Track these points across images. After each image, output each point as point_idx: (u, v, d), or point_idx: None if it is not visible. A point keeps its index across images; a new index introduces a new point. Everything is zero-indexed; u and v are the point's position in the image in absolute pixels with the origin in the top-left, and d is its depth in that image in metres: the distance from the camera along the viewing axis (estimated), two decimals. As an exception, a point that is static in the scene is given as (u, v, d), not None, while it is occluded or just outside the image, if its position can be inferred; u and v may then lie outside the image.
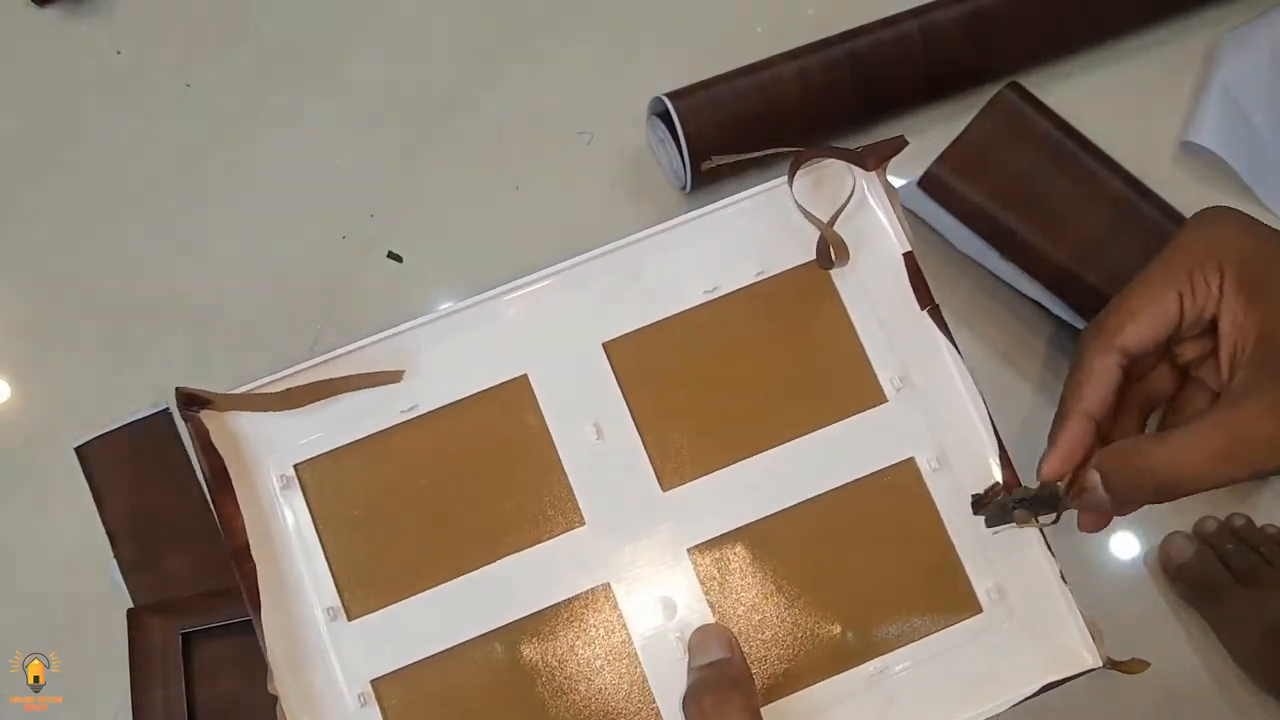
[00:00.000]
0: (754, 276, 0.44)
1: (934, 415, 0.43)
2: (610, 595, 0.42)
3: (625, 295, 0.44)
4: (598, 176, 0.65)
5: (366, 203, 0.64)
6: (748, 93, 0.60)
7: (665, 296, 0.44)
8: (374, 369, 0.43)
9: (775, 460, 0.43)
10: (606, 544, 0.42)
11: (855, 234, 0.44)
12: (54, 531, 0.58)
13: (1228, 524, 0.58)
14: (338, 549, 0.42)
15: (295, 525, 0.42)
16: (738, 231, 0.45)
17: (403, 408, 0.43)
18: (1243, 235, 0.38)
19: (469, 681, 0.41)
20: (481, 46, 0.68)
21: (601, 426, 0.43)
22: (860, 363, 0.44)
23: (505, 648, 0.41)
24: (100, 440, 0.59)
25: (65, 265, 0.63)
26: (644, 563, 0.42)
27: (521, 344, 0.43)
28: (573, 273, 0.44)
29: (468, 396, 0.43)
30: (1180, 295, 0.38)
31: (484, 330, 0.43)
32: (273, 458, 0.42)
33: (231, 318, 0.62)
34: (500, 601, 0.41)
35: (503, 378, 0.43)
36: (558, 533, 0.42)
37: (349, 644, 0.41)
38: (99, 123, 0.66)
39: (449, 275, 0.63)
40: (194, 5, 0.69)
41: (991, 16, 0.62)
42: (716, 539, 0.42)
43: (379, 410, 0.43)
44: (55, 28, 0.68)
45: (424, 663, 0.41)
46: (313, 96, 0.67)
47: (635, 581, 0.42)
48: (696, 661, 0.40)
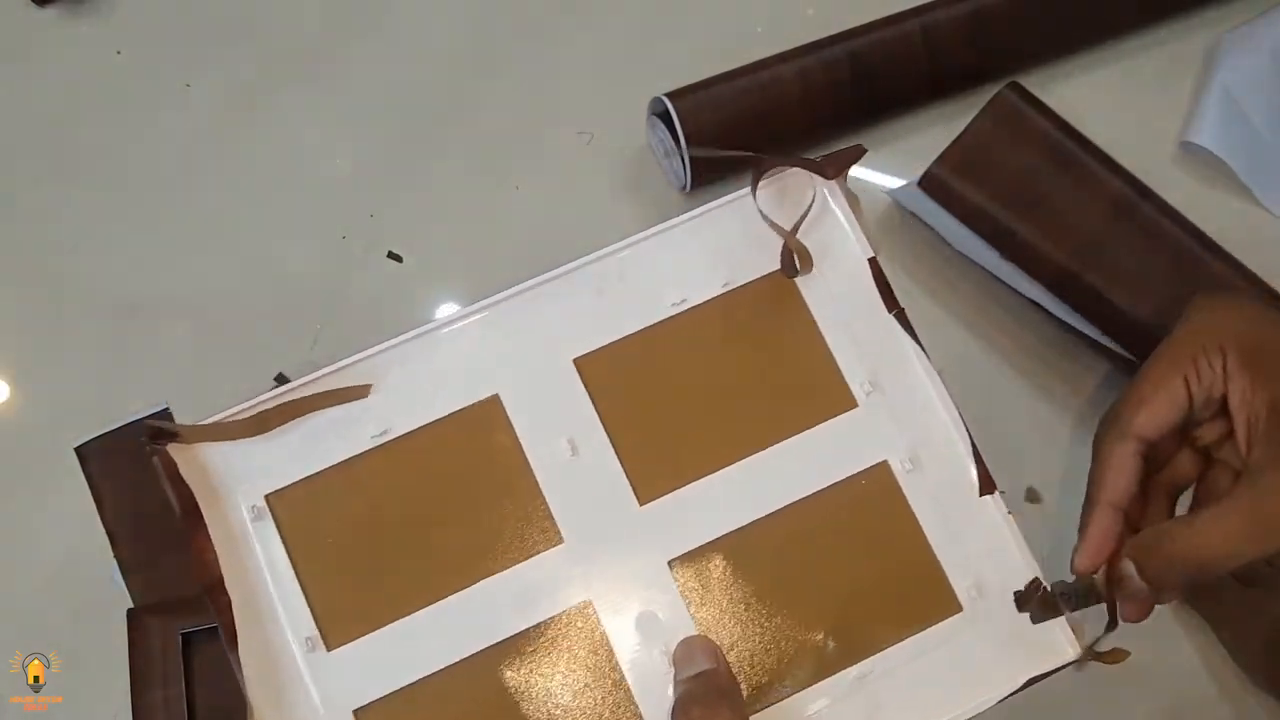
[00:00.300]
0: (721, 287, 0.44)
1: (905, 418, 0.44)
2: (591, 612, 0.41)
3: (594, 310, 0.44)
4: (598, 176, 0.65)
5: (366, 203, 0.64)
6: (748, 93, 0.60)
7: (634, 310, 0.44)
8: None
9: (750, 469, 0.43)
10: (586, 562, 0.42)
11: (819, 242, 0.44)
12: (54, 531, 0.58)
13: (1228, 524, 0.58)
14: (313, 578, 0.41)
15: (268, 557, 0.41)
16: (704, 243, 0.45)
17: (373, 433, 0.42)
18: (1241, 318, 0.40)
19: (453, 707, 0.40)
20: (481, 46, 0.68)
21: (576, 443, 0.42)
22: (830, 369, 0.44)
23: (488, 671, 0.41)
24: (100, 440, 0.59)
25: (65, 265, 0.63)
26: (624, 578, 0.42)
27: (491, 364, 0.43)
28: (540, 290, 0.44)
29: (439, 419, 0.43)
30: (1186, 380, 0.39)
31: (453, 351, 0.43)
32: (243, 488, 0.42)
33: (231, 318, 0.62)
34: (481, 625, 0.41)
35: (474, 399, 0.43)
36: (536, 552, 0.42)
37: (329, 675, 0.41)
38: (99, 123, 0.66)
39: (449, 275, 0.63)
40: (194, 5, 0.69)
41: (991, 16, 0.62)
42: (696, 550, 0.42)
43: (350, 436, 0.42)
44: (55, 28, 0.68)
45: (407, 690, 0.40)
46: (313, 96, 0.67)
47: (616, 598, 0.42)
48: (682, 674, 0.40)
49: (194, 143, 0.66)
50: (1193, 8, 0.67)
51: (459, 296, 0.63)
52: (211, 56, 0.68)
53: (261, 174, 0.65)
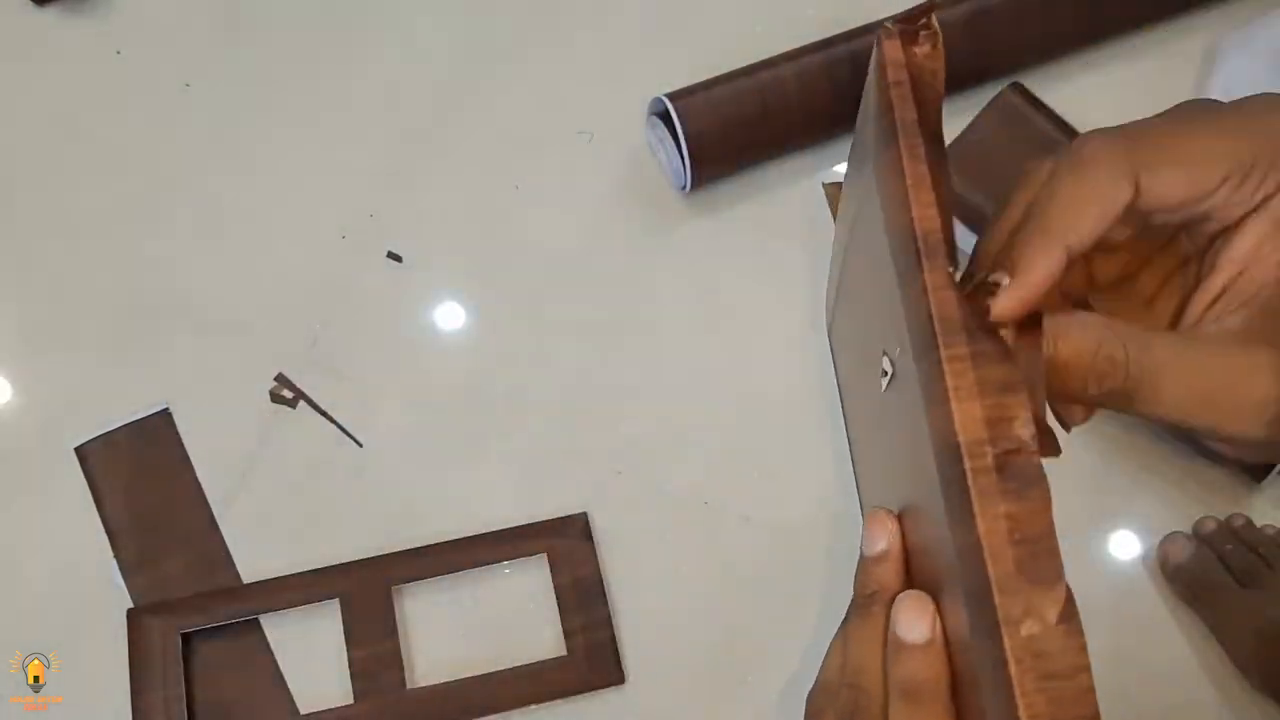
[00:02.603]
0: None
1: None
2: None
3: None
4: (598, 176, 0.65)
5: (366, 203, 0.64)
6: (747, 93, 0.60)
7: None
8: None
9: None
10: None
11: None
12: (54, 531, 0.58)
13: (1227, 524, 0.58)
14: None
15: None
16: None
17: None
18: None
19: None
20: (481, 46, 0.68)
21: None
22: None
23: None
24: (100, 440, 0.59)
25: (65, 265, 0.63)
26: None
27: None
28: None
29: None
30: (1228, 176, 0.29)
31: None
32: None
33: (231, 318, 0.62)
34: None
35: None
36: None
37: None
38: (99, 123, 0.66)
39: (449, 275, 0.63)
40: (194, 5, 0.69)
41: (991, 16, 0.62)
42: None
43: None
44: (55, 28, 0.68)
45: None
46: (312, 96, 0.67)
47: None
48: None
49: (194, 143, 0.66)
50: (1193, 8, 0.67)
51: (459, 296, 0.63)
52: (211, 56, 0.68)
53: (261, 174, 0.65)
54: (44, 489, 0.59)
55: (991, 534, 0.25)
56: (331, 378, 0.60)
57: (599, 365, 0.61)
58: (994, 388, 0.26)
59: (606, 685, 0.55)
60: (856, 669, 0.31)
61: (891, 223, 0.29)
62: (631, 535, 0.58)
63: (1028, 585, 0.25)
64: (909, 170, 0.28)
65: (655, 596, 0.57)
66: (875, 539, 0.32)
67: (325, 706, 0.54)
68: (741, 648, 0.56)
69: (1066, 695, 0.24)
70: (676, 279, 0.63)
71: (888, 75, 0.30)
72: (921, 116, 0.30)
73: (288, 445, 0.59)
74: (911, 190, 0.28)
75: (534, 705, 0.54)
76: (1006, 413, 0.26)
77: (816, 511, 0.58)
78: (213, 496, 0.58)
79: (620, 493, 0.59)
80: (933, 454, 0.27)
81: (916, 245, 0.27)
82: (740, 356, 0.61)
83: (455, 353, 0.62)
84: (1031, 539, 0.25)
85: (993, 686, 0.25)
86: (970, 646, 0.27)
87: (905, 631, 0.29)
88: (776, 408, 0.60)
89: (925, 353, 0.27)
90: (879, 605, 0.31)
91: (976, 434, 0.26)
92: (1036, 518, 0.25)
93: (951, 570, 0.27)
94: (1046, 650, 0.24)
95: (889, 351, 0.32)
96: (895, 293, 0.29)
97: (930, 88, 0.30)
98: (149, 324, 0.62)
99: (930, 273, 0.27)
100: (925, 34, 0.31)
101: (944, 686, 0.29)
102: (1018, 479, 0.25)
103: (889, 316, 0.31)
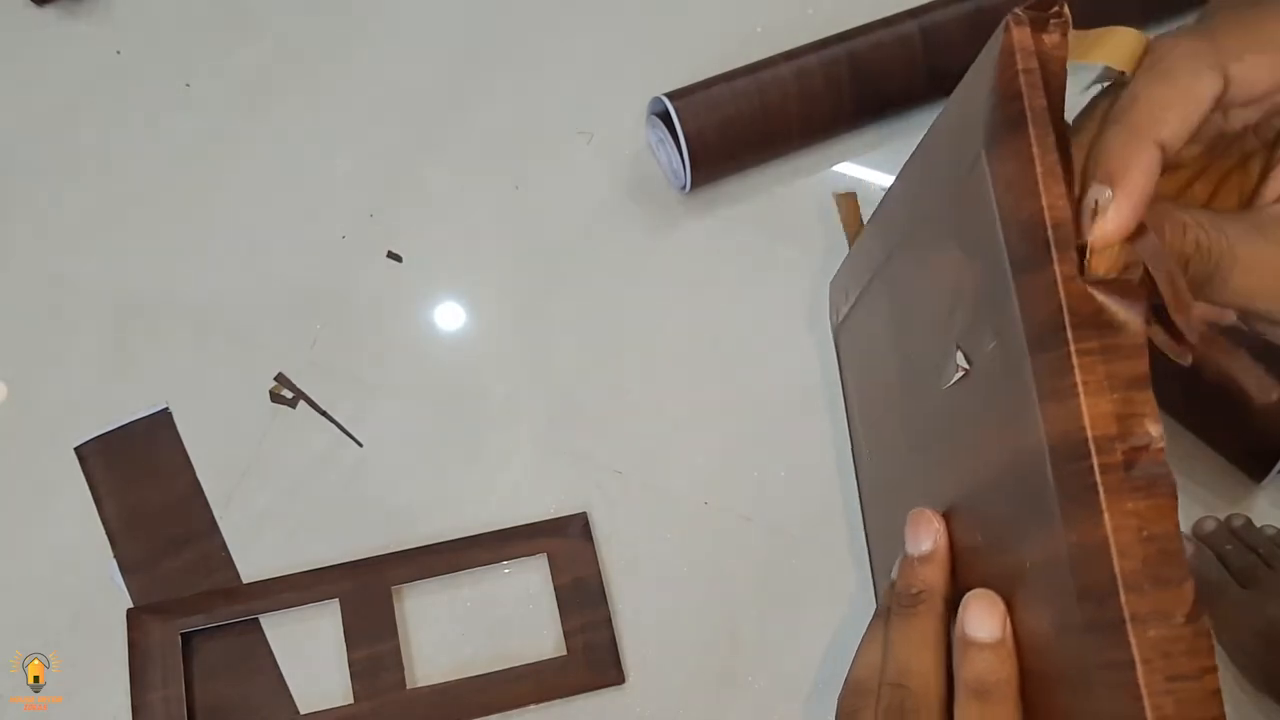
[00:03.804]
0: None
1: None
2: None
3: None
4: (598, 176, 0.65)
5: (366, 203, 0.64)
6: (747, 93, 0.60)
7: None
8: None
9: None
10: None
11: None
12: (54, 531, 0.58)
13: (1227, 524, 0.58)
14: None
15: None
16: None
17: None
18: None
19: None
20: (481, 46, 0.68)
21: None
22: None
23: None
24: (100, 440, 0.59)
25: (65, 265, 0.63)
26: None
27: None
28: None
29: None
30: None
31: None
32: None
33: (231, 318, 0.62)
34: None
35: None
36: None
37: None
38: (99, 122, 0.66)
39: (449, 275, 0.63)
40: (194, 5, 0.69)
41: (992, 16, 0.62)
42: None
43: None
44: (55, 28, 0.68)
45: None
46: (313, 96, 0.67)
47: None
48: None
49: (194, 143, 0.66)
50: (1192, 8, 0.67)
51: (459, 296, 0.63)
52: (211, 56, 0.68)
53: (261, 174, 0.65)
54: (44, 489, 0.59)
55: (1120, 530, 0.24)
56: (331, 378, 0.60)
57: (599, 365, 0.61)
58: (1123, 383, 0.25)
59: (606, 685, 0.55)
60: (902, 669, 0.30)
61: (1011, 211, 0.28)
62: (631, 535, 0.58)
63: (1156, 584, 0.24)
64: (1039, 159, 0.28)
65: (655, 596, 0.57)
66: (921, 538, 0.32)
67: (325, 706, 0.54)
68: (741, 648, 0.56)
69: (1194, 697, 0.23)
70: (676, 279, 0.63)
71: (1017, 62, 0.29)
72: (1050, 105, 0.29)
73: (288, 445, 0.59)
74: (1042, 179, 0.27)
75: (534, 705, 0.54)
76: (1136, 409, 0.25)
77: (816, 511, 0.58)
78: (213, 496, 0.58)
79: (620, 493, 0.59)
80: (1035, 450, 0.26)
81: (1046, 235, 0.27)
82: (740, 356, 0.61)
83: (455, 352, 0.62)
84: (1159, 537, 0.25)
85: (1108, 688, 0.24)
86: (1057, 646, 0.26)
87: (975, 630, 0.29)
88: (776, 408, 0.60)
89: (1047, 345, 0.26)
90: (925, 605, 0.31)
91: (1106, 429, 0.25)
92: (1164, 516, 0.25)
93: (1034, 570, 0.27)
94: (1174, 651, 0.24)
95: (965, 347, 0.31)
96: (992, 284, 0.29)
97: (1057, 76, 0.30)
98: (149, 324, 0.62)
99: (1062, 264, 0.26)
100: (1055, 22, 0.30)
101: (1015, 685, 0.28)
102: (1146, 476, 0.25)
103: (974, 310, 0.30)
